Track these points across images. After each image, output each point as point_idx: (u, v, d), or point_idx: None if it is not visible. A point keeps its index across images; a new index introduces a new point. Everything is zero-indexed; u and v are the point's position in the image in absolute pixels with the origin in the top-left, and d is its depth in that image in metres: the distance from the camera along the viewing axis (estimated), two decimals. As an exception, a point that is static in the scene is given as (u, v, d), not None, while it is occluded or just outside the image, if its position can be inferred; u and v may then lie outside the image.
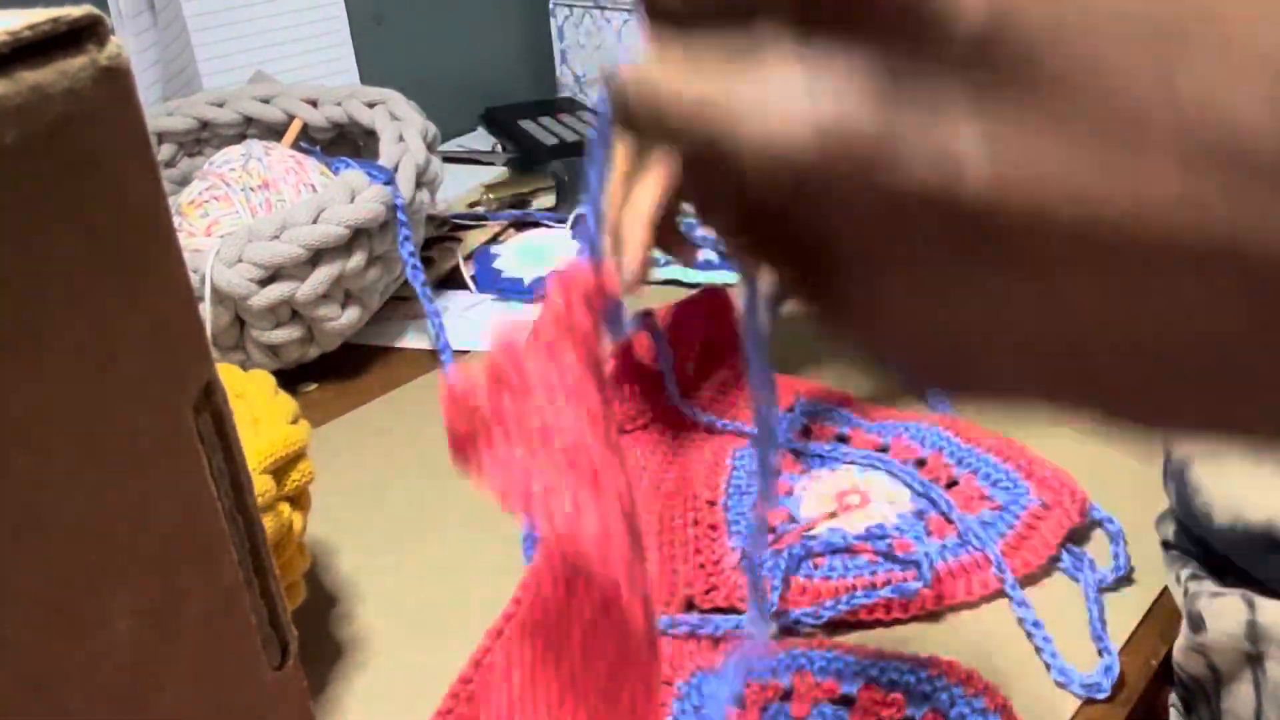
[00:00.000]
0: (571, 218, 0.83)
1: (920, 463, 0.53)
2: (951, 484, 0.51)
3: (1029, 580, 0.47)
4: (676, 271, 0.75)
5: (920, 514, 0.50)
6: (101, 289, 0.20)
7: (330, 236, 0.62)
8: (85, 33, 0.19)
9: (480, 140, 1.03)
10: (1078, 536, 0.49)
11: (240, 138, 0.78)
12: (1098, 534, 0.50)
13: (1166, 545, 0.44)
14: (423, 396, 0.65)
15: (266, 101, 0.78)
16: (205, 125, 0.79)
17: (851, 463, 0.54)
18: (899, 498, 0.51)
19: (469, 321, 0.73)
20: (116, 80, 0.20)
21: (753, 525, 0.51)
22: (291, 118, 0.77)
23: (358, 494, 0.57)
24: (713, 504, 0.52)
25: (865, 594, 0.45)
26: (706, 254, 0.76)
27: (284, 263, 0.61)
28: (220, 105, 0.78)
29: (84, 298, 0.19)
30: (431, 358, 0.68)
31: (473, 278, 0.77)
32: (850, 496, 0.52)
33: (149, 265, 0.20)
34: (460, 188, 0.90)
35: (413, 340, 0.71)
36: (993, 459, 0.52)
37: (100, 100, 0.19)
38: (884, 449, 0.54)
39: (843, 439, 0.56)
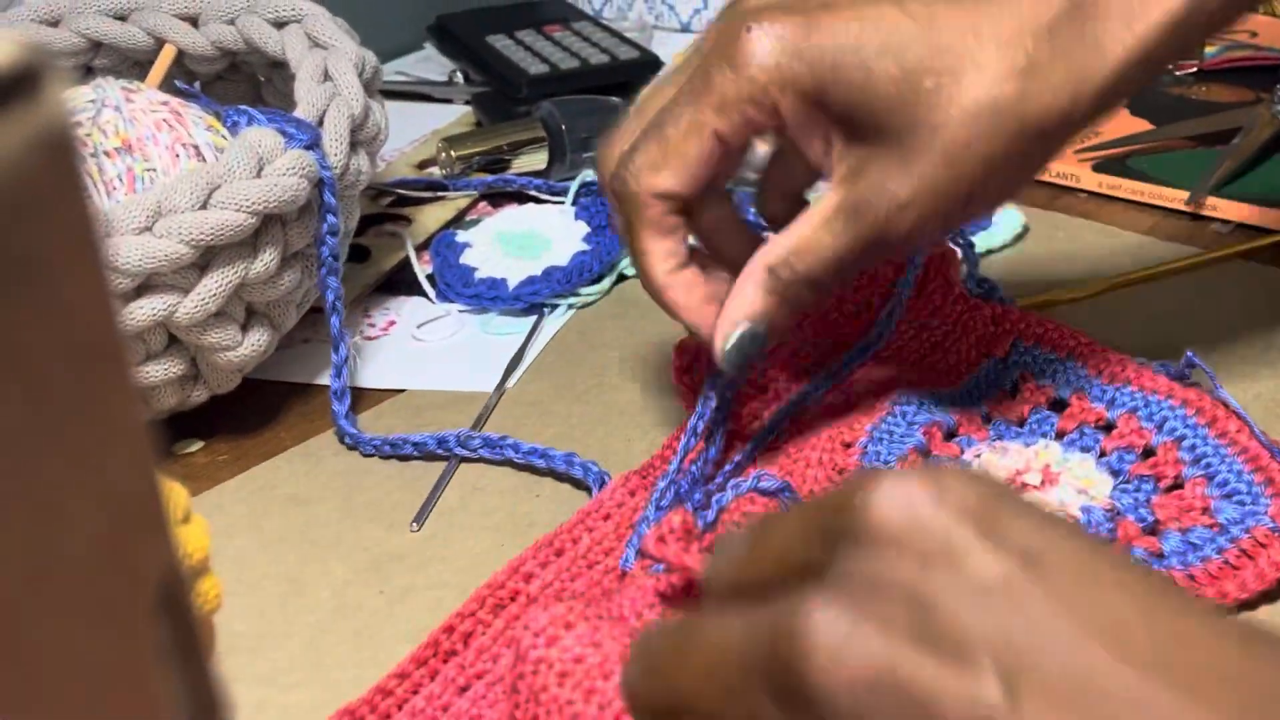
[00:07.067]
0: (574, 186, 0.82)
1: (1148, 452, 0.58)
2: (1175, 486, 0.56)
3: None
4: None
5: (1115, 514, 0.55)
6: (43, 454, 0.20)
7: (227, 227, 0.62)
8: (14, 88, 0.19)
9: (430, 65, 1.02)
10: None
11: (85, 72, 0.78)
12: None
13: None
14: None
15: (122, 19, 0.78)
16: (31, 52, 0.78)
17: (1059, 436, 0.59)
18: (1098, 488, 0.56)
19: (420, 348, 0.73)
20: (57, 153, 0.20)
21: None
22: (160, 43, 0.77)
23: (260, 594, 0.58)
24: (849, 446, 0.59)
25: None
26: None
27: (158, 267, 0.61)
28: (54, 25, 0.78)
29: (22, 469, 0.19)
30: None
31: (430, 277, 0.76)
32: (1030, 475, 0.57)
33: (98, 415, 0.20)
34: (403, 138, 0.89)
35: (342, 370, 0.71)
36: (1238, 462, 0.56)
37: (36, 184, 0.19)
38: (1109, 427, 0.59)
39: (1059, 405, 0.61)
